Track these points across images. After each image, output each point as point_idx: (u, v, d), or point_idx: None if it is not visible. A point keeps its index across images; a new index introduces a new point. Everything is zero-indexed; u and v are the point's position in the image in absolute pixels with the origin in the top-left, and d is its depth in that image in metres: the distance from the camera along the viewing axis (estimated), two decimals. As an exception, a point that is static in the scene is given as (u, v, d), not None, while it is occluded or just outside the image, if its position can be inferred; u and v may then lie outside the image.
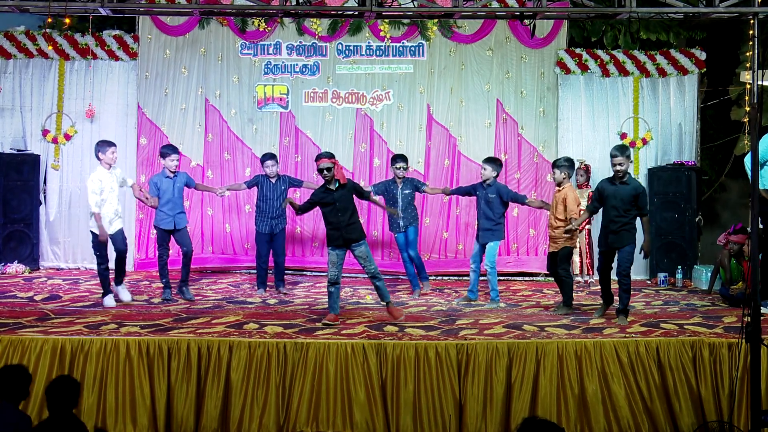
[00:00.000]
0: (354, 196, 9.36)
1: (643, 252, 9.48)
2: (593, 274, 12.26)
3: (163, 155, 10.50)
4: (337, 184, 9.16)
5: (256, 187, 11.28)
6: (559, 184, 10.04)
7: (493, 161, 10.80)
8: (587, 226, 12.30)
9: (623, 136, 13.04)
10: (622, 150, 9.38)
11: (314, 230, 13.08)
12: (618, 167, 9.24)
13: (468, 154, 13.04)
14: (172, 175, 10.42)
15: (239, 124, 13.20)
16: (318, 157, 9.32)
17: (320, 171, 9.13)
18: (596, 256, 11.19)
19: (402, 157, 11.38)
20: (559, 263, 9.91)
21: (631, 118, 13.11)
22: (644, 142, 13.09)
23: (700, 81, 13.33)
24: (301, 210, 9.46)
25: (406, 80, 13.18)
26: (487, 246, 10.52)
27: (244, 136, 13.19)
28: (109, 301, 9.94)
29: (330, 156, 9.23)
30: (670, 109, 13.18)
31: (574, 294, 10.25)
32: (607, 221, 9.42)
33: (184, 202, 10.81)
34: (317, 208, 9.44)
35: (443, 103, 13.15)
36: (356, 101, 13.19)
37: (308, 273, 12.84)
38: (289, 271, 12.93)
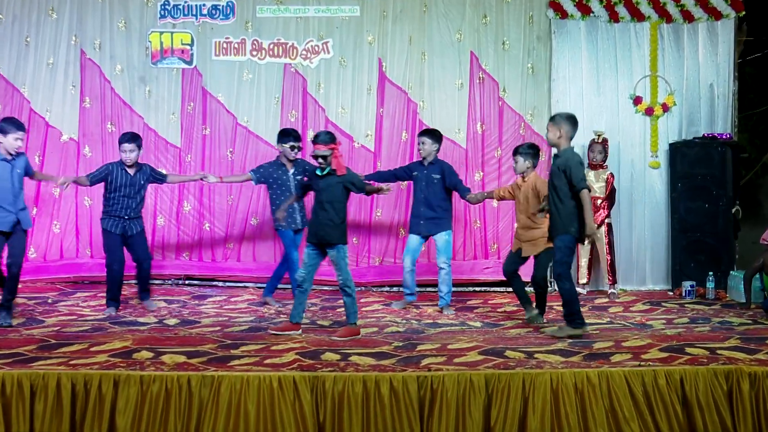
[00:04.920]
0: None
1: None
2: (615, 282, 12.43)
3: (3, 131, 9.99)
4: (327, 171, 9.87)
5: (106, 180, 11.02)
6: (522, 175, 10.75)
7: (433, 133, 11.64)
8: (607, 220, 12.43)
9: (637, 100, 13.16)
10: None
11: (228, 227, 13.04)
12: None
13: (433, 125, 12.93)
14: (9, 157, 10.00)
15: (127, 85, 13.13)
16: (314, 140, 9.91)
17: (314, 157, 9.85)
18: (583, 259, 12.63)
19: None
20: (540, 269, 10.57)
21: (648, 77, 13.23)
22: (665, 108, 13.20)
23: (738, 28, 13.45)
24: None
25: (350, 26, 13.20)
26: (437, 239, 11.51)
27: (134, 101, 13.12)
28: None
29: (327, 141, 9.84)
30: (699, 66, 13.31)
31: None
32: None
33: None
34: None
35: (400, 58, 13.18)
36: (284, 54, 13.17)
37: (220, 284, 12.78)
38: (195, 281, 12.89)
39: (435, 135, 11.61)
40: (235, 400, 7.78)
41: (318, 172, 9.80)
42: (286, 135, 11.45)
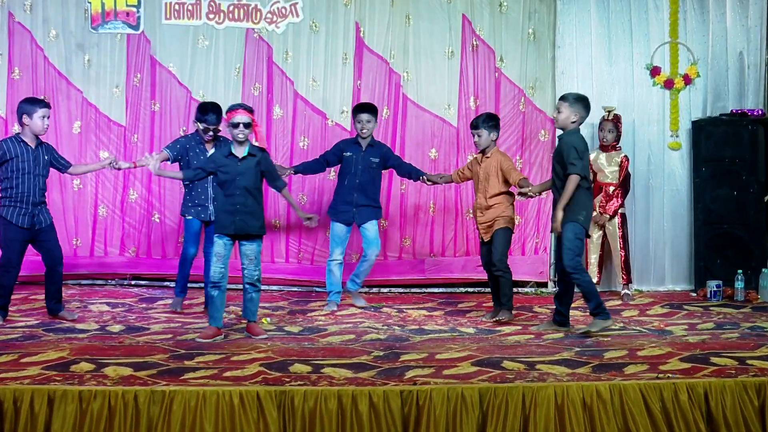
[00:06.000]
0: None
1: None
2: (630, 282, 12.48)
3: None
4: (247, 152, 9.90)
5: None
6: (483, 151, 11.05)
7: (373, 109, 11.85)
8: (621, 210, 12.45)
9: (655, 71, 13.19)
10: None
11: (180, 220, 13.00)
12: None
13: (419, 100, 13.13)
14: None
15: (63, 54, 13.10)
16: (231, 108, 9.94)
17: (234, 126, 9.81)
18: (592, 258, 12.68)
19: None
20: (494, 252, 10.97)
21: (667, 44, 13.27)
22: (687, 80, 13.24)
23: (773, -13, 13.52)
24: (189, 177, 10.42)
25: (323, -15, 13.23)
26: (367, 227, 11.87)
27: (71, 72, 13.10)
28: None
29: (248, 108, 9.98)
30: (726, 31, 13.35)
31: (581, 313, 10.78)
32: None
33: None
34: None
35: (380, 22, 13.20)
36: (246, 18, 13.17)
37: (172, 284, 12.75)
38: (143, 281, 12.88)
39: (375, 111, 11.84)
40: (189, 418, 7.75)
41: (234, 152, 9.83)
42: (201, 112, 11.23)
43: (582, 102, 10.12)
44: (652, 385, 8.12)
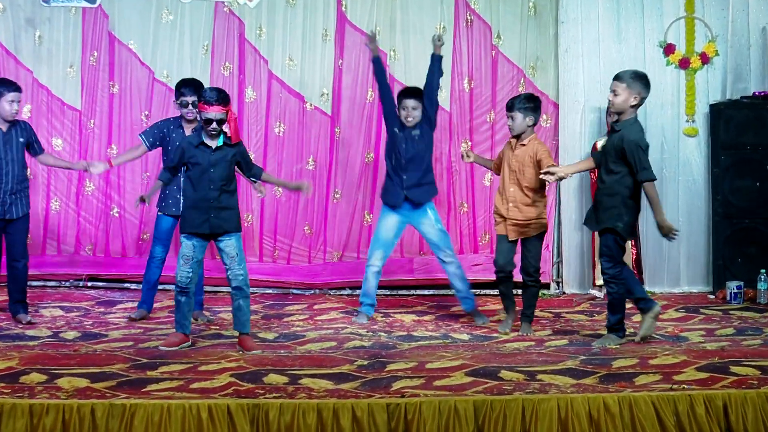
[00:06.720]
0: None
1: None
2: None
3: None
4: (222, 142, 9.73)
5: None
6: (518, 136, 10.67)
7: (419, 94, 11.36)
8: None
9: (669, 49, 13.20)
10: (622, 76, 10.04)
11: (142, 212, 12.99)
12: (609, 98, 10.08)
13: (407, 81, 12.99)
14: None
15: (11, 29, 13.10)
16: (206, 101, 9.65)
17: (206, 122, 9.62)
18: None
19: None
20: (531, 259, 10.69)
21: (683, 19, 13.28)
22: (704, 59, 13.25)
23: (800, -47, 13.55)
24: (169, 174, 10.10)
25: (300, -45, 13.22)
26: (424, 222, 11.39)
27: (20, 50, 13.11)
28: None
29: (224, 101, 9.63)
30: (747, 4, 13.36)
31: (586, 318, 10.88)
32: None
33: None
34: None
35: (365, -5, 13.24)
36: (215, -10, 13.19)
37: (133, 286, 12.75)
38: (101, 282, 12.86)
39: (422, 95, 11.36)
40: (152, 434, 7.79)
41: (205, 141, 9.67)
42: (179, 87, 11.07)
43: (642, 80, 9.87)
44: (665, 397, 8.12)
